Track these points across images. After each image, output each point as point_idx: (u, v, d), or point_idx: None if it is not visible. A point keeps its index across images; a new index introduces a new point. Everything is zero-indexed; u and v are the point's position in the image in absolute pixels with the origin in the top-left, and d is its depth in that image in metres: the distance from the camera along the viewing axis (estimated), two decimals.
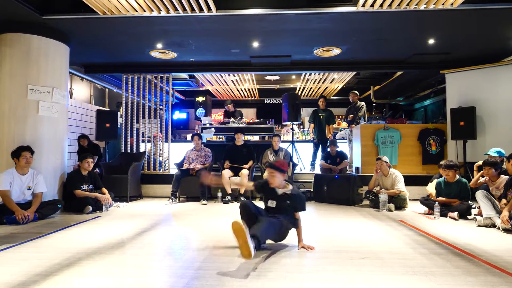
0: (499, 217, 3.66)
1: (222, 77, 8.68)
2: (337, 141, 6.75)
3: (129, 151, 6.85)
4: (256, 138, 8.09)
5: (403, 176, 5.12)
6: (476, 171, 4.75)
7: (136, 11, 4.25)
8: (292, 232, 3.01)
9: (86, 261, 2.58)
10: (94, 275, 2.30)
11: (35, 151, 4.31)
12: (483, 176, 4.34)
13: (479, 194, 3.98)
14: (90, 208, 4.61)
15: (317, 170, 6.74)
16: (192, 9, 4.24)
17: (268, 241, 2.95)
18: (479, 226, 3.82)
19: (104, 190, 4.98)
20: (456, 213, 4.21)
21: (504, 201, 3.86)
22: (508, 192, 3.82)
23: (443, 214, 4.34)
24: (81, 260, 2.61)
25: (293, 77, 9.57)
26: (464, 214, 4.20)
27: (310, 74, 8.45)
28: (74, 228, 3.73)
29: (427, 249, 2.92)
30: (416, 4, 4.03)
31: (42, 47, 4.77)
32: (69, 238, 3.32)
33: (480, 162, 4.77)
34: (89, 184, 4.91)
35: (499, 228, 3.59)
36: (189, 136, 7.91)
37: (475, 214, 4.13)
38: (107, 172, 5.76)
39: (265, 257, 2.69)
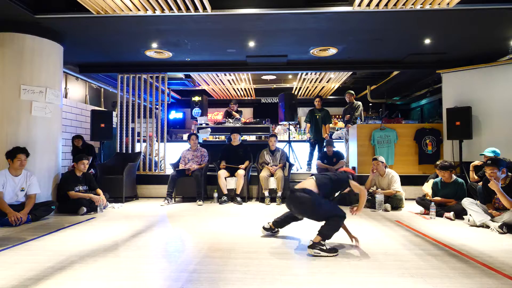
0: (492, 220, 3.68)
1: (218, 76, 8.64)
2: (334, 141, 6.73)
3: (124, 151, 6.80)
4: (252, 138, 8.06)
5: (400, 176, 5.12)
6: (472, 171, 4.75)
7: (131, 10, 4.20)
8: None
9: (79, 264, 2.54)
10: (86, 278, 2.27)
11: (29, 152, 4.26)
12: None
13: (465, 202, 3.99)
14: (85, 209, 4.56)
15: (314, 170, 6.72)
16: (187, 9, 4.20)
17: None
18: (471, 226, 3.83)
19: (99, 191, 4.94)
20: (452, 213, 4.21)
21: (489, 205, 3.87)
22: (494, 199, 3.81)
23: (439, 214, 4.34)
24: (73, 263, 2.57)
25: (290, 76, 9.55)
26: (460, 214, 4.19)
27: (306, 74, 8.44)
28: (68, 230, 3.68)
29: (423, 250, 2.91)
30: (412, 4, 4.02)
31: (35, 47, 4.70)
32: (62, 240, 3.28)
33: (476, 162, 4.78)
34: (83, 185, 4.86)
35: (492, 229, 3.61)
36: (185, 136, 7.88)
37: (470, 215, 4.13)
38: (102, 172, 5.70)
39: (260, 259, 2.67)
